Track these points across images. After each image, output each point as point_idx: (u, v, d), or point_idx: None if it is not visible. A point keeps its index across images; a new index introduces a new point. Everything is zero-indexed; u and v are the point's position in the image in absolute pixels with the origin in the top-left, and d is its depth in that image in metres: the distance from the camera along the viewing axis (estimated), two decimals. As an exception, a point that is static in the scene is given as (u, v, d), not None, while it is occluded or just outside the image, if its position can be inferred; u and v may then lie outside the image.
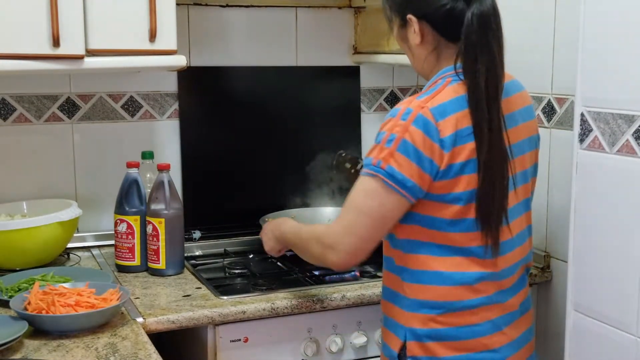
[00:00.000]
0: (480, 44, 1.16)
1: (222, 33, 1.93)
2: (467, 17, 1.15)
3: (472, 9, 1.16)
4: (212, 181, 1.94)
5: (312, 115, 2.02)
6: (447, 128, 1.15)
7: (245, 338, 1.45)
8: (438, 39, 1.22)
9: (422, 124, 1.14)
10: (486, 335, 1.23)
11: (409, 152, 1.14)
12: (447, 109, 1.16)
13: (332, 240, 1.20)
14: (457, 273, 1.21)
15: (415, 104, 1.16)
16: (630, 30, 1.20)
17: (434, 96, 1.17)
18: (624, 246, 1.22)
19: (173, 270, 1.61)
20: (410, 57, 1.29)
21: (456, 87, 1.18)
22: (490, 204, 1.18)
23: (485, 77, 1.15)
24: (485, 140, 1.15)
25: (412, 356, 1.24)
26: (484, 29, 1.16)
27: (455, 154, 1.15)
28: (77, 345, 1.21)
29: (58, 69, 1.48)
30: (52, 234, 1.60)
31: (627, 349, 1.22)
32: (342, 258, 1.20)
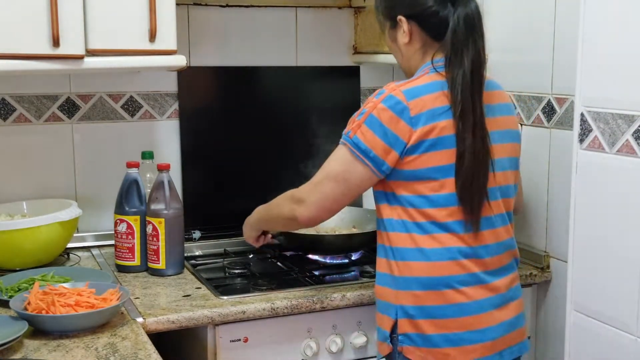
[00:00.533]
0: (467, 41, 1.26)
1: (222, 33, 1.93)
2: (454, 18, 1.26)
3: (458, 11, 1.26)
4: (212, 181, 1.94)
5: (312, 115, 2.02)
6: (417, 107, 1.26)
7: (245, 338, 1.45)
8: (424, 38, 1.32)
9: (391, 103, 1.26)
10: (472, 315, 1.28)
11: (374, 125, 1.26)
12: (420, 91, 1.27)
13: (303, 194, 1.35)
14: (438, 249, 1.27)
15: (390, 86, 1.29)
16: (630, 30, 1.20)
17: (410, 82, 1.30)
18: (623, 246, 1.22)
19: (173, 270, 1.61)
20: (399, 57, 1.39)
21: (433, 75, 1.29)
22: (474, 179, 1.25)
23: (471, 68, 1.25)
24: (469, 123, 1.25)
25: (402, 333, 1.29)
26: (470, 28, 1.27)
27: (426, 131, 1.25)
28: (77, 345, 1.21)
29: (58, 69, 1.48)
30: (52, 234, 1.60)
31: (626, 349, 1.22)
32: (310, 211, 1.33)
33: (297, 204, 1.35)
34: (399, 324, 1.30)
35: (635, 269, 1.21)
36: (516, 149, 1.40)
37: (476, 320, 1.29)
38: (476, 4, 1.29)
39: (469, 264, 1.28)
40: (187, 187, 1.91)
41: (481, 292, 1.29)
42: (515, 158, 1.40)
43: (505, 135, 1.36)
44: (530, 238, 1.71)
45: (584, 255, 1.31)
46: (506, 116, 1.37)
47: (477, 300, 1.29)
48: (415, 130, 1.25)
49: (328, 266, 1.74)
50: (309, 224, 1.37)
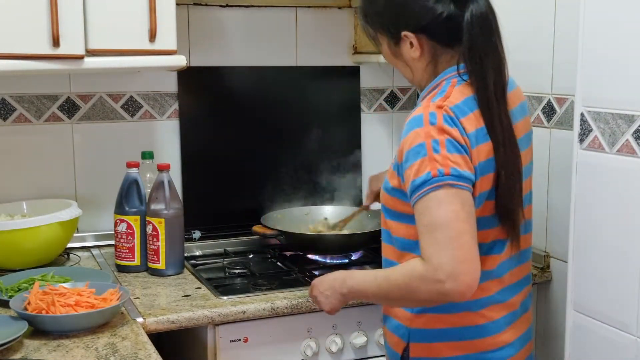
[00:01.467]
0: (485, 46, 1.16)
1: (222, 33, 1.93)
2: (467, 20, 1.15)
3: (469, 11, 1.16)
4: (212, 181, 1.94)
5: (312, 115, 2.02)
6: (469, 125, 1.14)
7: (245, 338, 1.45)
8: (435, 46, 1.21)
9: (451, 121, 1.13)
10: (490, 335, 1.23)
11: (458, 148, 1.11)
12: (463, 108, 1.15)
13: (442, 271, 1.07)
14: None
15: (433, 106, 1.14)
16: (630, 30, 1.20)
17: (447, 97, 1.16)
18: (623, 246, 1.22)
19: (173, 270, 1.61)
20: (407, 71, 1.26)
21: (462, 88, 1.18)
22: (511, 200, 1.17)
23: (494, 77, 1.16)
24: (500, 138, 1.15)
25: (415, 357, 1.24)
26: (486, 29, 1.17)
27: (478, 152, 1.14)
28: (77, 345, 1.21)
29: (58, 69, 1.48)
30: (52, 234, 1.60)
31: (627, 349, 1.22)
32: (463, 282, 1.06)
33: (440, 285, 1.07)
34: (412, 348, 1.23)
35: (635, 268, 1.21)
36: (531, 152, 1.33)
37: (494, 340, 1.23)
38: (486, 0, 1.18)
39: (489, 285, 1.21)
40: (187, 187, 1.91)
41: (498, 310, 1.23)
42: (532, 162, 1.33)
43: (525, 140, 1.28)
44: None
45: (584, 255, 1.31)
46: (524, 119, 1.29)
47: (494, 320, 1.23)
48: (473, 150, 1.13)
49: (328, 266, 1.73)
50: (472, 292, 1.10)
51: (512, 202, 1.18)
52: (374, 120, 2.11)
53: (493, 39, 1.17)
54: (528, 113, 1.35)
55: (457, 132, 1.12)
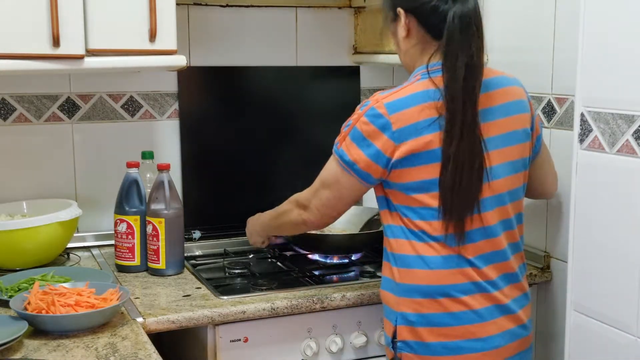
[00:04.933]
0: (461, 43, 1.22)
1: (222, 33, 1.93)
2: (449, 16, 1.22)
3: (454, 9, 1.22)
4: (212, 181, 1.94)
5: (312, 115, 2.02)
6: (399, 121, 1.24)
7: (245, 338, 1.45)
8: (423, 34, 1.29)
9: (372, 116, 1.26)
10: (472, 323, 1.27)
11: (357, 139, 1.27)
12: (403, 103, 1.25)
13: (305, 200, 1.39)
14: (438, 257, 1.26)
15: (374, 98, 1.28)
16: (630, 30, 1.20)
17: (396, 92, 1.27)
18: (623, 246, 1.22)
19: (173, 270, 1.61)
20: (398, 51, 1.37)
21: (424, 82, 1.27)
22: (455, 194, 1.23)
23: (464, 74, 1.21)
24: (456, 132, 1.22)
25: (402, 340, 1.29)
26: (466, 28, 1.23)
27: (410, 145, 1.24)
28: (77, 345, 1.21)
29: (58, 68, 1.47)
30: (52, 234, 1.60)
31: (627, 349, 1.22)
32: (315, 215, 1.37)
33: (302, 209, 1.40)
34: (399, 330, 1.30)
35: (635, 269, 1.21)
36: (524, 148, 1.35)
37: (477, 328, 1.27)
38: (475, 1, 1.26)
39: (469, 272, 1.27)
40: (187, 187, 1.91)
41: (481, 300, 1.28)
42: (522, 159, 1.35)
43: (508, 138, 1.31)
44: (530, 238, 1.70)
45: (584, 255, 1.31)
46: (511, 117, 1.32)
47: (477, 310, 1.27)
48: (398, 145, 1.24)
49: (328, 266, 1.74)
50: (317, 227, 1.42)
51: (453, 195, 1.23)
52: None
53: (471, 39, 1.23)
54: (524, 111, 1.37)
55: (372, 128, 1.25)
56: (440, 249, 1.26)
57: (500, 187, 1.30)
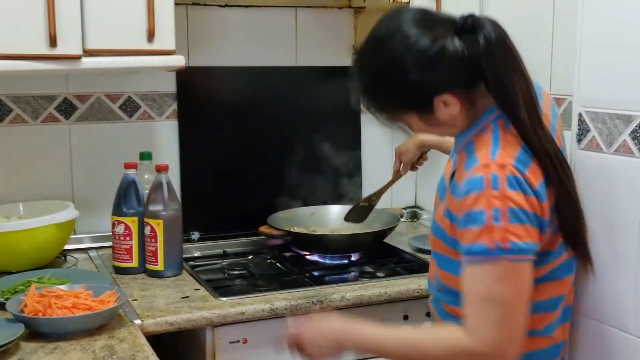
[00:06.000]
0: (509, 72, 1.07)
1: (221, 33, 1.92)
2: (482, 49, 1.05)
3: (481, 39, 1.06)
4: (211, 182, 1.93)
5: (312, 115, 2.02)
6: (533, 177, 1.06)
7: (244, 339, 1.44)
8: (467, 91, 1.10)
9: (516, 183, 1.04)
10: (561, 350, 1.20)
11: (520, 217, 1.03)
12: (523, 157, 1.07)
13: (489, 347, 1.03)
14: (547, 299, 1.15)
15: (495, 166, 1.05)
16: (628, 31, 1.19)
17: (504, 148, 1.07)
18: (621, 246, 1.22)
19: (171, 272, 1.60)
20: (448, 131, 1.16)
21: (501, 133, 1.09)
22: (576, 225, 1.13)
23: (525, 107, 1.07)
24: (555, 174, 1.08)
25: None
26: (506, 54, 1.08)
27: (549, 198, 1.08)
28: (74, 348, 1.20)
29: (55, 69, 1.47)
30: (48, 235, 1.59)
31: (624, 348, 1.22)
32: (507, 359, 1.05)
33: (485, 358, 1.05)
34: None
35: (632, 268, 1.20)
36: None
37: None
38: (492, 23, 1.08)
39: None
40: (185, 188, 1.90)
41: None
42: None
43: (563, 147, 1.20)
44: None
45: (584, 255, 1.30)
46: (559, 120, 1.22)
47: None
48: (543, 203, 1.06)
49: (327, 267, 1.73)
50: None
51: (576, 226, 1.12)
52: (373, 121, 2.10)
53: (513, 53, 1.08)
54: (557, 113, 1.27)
55: (521, 197, 1.03)
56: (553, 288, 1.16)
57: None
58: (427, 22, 1.08)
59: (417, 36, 1.06)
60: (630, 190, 1.20)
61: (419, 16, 1.10)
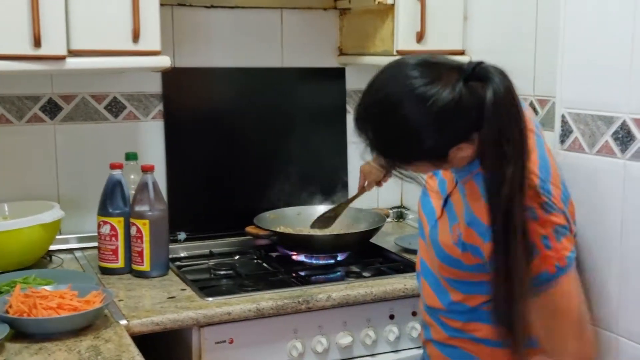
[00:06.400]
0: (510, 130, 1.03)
1: (206, 34, 1.92)
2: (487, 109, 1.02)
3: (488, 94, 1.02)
4: (197, 182, 1.93)
5: (298, 116, 2.02)
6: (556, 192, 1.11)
7: (231, 339, 1.44)
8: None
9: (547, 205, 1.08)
10: None
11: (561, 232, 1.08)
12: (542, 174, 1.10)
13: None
14: None
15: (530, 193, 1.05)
16: (610, 32, 1.21)
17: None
18: (604, 246, 1.24)
19: (157, 272, 1.60)
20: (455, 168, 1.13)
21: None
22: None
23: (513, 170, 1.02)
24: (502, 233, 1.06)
25: None
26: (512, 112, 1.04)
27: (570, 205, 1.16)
28: (60, 348, 1.20)
29: (39, 69, 1.46)
30: (33, 236, 1.58)
31: (607, 347, 1.24)
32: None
33: None
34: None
35: (615, 267, 1.22)
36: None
37: None
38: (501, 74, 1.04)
39: None
40: (171, 189, 1.90)
41: None
42: None
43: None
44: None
45: (566, 254, 1.32)
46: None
47: None
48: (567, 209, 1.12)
49: (314, 267, 1.74)
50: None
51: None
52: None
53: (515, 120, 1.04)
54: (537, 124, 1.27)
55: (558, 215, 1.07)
56: None
57: None
58: (434, 74, 1.03)
59: (429, 97, 1.01)
60: (613, 191, 1.22)
61: (425, 70, 1.04)
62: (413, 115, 1.03)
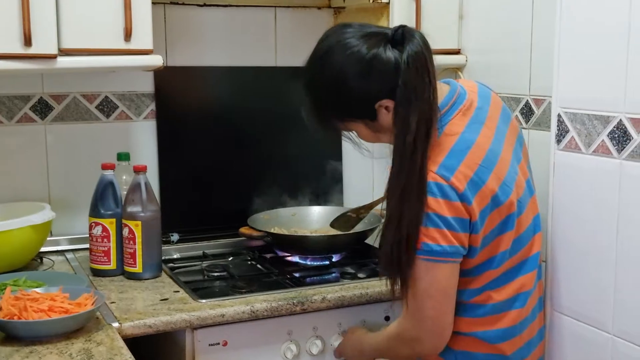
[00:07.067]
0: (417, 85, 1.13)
1: (199, 32, 1.91)
2: (403, 61, 1.13)
3: (405, 52, 1.13)
4: (190, 183, 1.92)
5: (292, 116, 2.00)
6: (459, 181, 1.14)
7: (224, 342, 1.43)
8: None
9: (437, 191, 1.14)
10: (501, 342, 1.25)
11: (437, 223, 1.14)
12: (448, 162, 1.15)
13: (410, 333, 1.23)
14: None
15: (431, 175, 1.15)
16: (605, 32, 1.21)
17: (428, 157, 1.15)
18: (600, 246, 1.24)
19: (150, 274, 1.59)
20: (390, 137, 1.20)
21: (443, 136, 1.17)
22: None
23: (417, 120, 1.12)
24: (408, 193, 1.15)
25: None
26: (421, 69, 1.13)
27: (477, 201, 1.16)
28: (51, 352, 1.19)
29: (30, 68, 1.44)
30: (24, 237, 1.56)
31: (602, 347, 1.24)
32: (429, 343, 1.22)
33: (413, 344, 1.24)
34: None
35: (611, 268, 1.22)
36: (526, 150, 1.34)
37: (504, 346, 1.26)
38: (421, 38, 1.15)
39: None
40: (164, 189, 1.88)
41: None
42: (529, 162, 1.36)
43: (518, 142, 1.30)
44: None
45: (561, 255, 1.32)
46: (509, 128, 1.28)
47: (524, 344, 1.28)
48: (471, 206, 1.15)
49: (308, 268, 1.73)
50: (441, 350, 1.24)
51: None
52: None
53: (426, 78, 1.14)
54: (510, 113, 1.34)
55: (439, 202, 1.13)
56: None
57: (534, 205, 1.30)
58: (363, 35, 1.17)
59: (354, 47, 1.16)
60: (609, 190, 1.21)
61: (356, 30, 1.18)
62: (339, 60, 1.17)
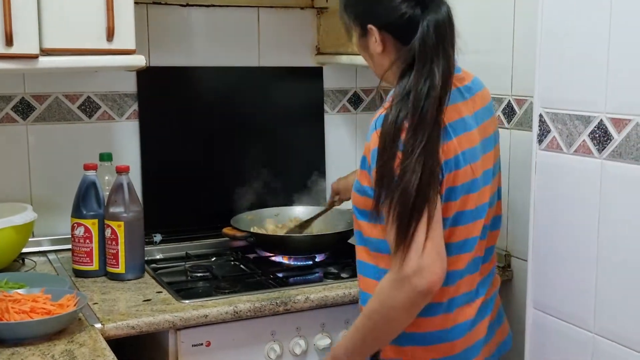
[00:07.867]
0: (435, 51, 1.16)
1: (182, 32, 1.90)
2: (423, 25, 1.16)
3: (427, 18, 1.16)
4: (173, 183, 1.91)
5: (275, 116, 2.01)
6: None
7: (208, 342, 1.43)
8: (399, 47, 1.21)
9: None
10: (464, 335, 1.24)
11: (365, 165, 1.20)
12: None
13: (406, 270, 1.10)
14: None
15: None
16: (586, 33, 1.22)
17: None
18: (581, 245, 1.25)
19: (133, 275, 1.58)
20: (372, 65, 1.29)
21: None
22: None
23: (441, 80, 1.15)
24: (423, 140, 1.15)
25: (385, 359, 1.24)
26: (440, 37, 1.17)
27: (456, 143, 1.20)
28: (33, 353, 1.18)
29: (11, 68, 1.43)
30: (6, 238, 1.55)
31: (584, 345, 1.25)
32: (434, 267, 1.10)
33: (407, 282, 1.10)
34: (384, 349, 1.23)
35: (592, 267, 1.23)
36: (498, 149, 1.35)
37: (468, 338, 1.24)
38: (448, 8, 1.20)
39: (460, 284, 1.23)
40: (147, 190, 1.87)
41: (470, 310, 1.25)
42: (498, 160, 1.35)
43: (492, 139, 1.31)
44: (491, 237, 1.73)
45: (543, 253, 1.33)
46: (490, 119, 1.32)
47: (467, 320, 1.24)
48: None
49: (292, 268, 1.73)
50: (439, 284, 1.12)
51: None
52: (337, 121, 2.11)
53: (444, 46, 1.17)
54: (493, 113, 1.37)
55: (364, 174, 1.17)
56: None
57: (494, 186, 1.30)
58: None
59: None
60: (590, 190, 1.23)
61: None
62: None
